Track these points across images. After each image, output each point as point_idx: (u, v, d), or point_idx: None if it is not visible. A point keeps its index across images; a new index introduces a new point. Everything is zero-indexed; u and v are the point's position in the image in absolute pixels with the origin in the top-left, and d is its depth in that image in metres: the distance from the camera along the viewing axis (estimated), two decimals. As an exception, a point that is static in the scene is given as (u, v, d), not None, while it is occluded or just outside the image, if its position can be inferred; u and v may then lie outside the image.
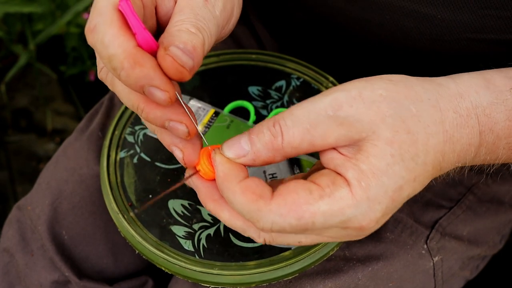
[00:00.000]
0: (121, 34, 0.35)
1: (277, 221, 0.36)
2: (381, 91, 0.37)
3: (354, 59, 0.63)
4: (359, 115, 0.36)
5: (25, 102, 1.41)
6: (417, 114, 0.37)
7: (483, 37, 0.51)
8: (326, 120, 0.36)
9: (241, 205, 0.37)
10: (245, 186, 0.37)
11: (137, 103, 0.39)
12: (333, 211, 0.35)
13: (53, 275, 0.59)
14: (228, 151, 0.39)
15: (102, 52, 0.36)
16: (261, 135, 0.38)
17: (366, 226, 0.36)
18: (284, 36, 0.71)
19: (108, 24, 0.35)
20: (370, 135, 0.36)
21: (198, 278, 0.50)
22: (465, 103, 0.39)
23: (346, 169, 0.36)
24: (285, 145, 0.37)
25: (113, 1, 0.36)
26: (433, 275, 0.61)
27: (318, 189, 0.36)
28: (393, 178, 0.36)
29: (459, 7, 0.49)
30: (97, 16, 0.36)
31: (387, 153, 0.36)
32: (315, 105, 0.37)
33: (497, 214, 0.66)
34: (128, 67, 0.35)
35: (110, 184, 0.55)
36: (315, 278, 0.54)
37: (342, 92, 0.37)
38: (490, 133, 0.40)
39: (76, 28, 1.27)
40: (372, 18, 0.55)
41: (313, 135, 0.37)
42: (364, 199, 0.35)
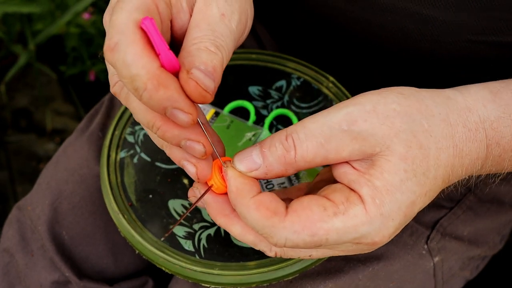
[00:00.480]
0: (144, 54, 0.34)
1: (291, 238, 0.36)
2: (394, 105, 0.37)
3: (354, 59, 0.63)
4: (373, 130, 0.36)
5: (25, 102, 1.41)
6: (428, 129, 0.37)
7: (484, 39, 0.51)
8: (340, 134, 0.36)
9: (255, 221, 0.36)
10: (259, 201, 0.37)
11: (153, 121, 0.38)
12: (347, 228, 0.35)
13: (53, 275, 0.59)
14: (240, 164, 0.38)
15: (123, 71, 0.34)
16: (273, 148, 0.37)
17: (379, 242, 0.37)
18: (284, 36, 0.70)
19: (130, 43, 0.34)
20: (384, 150, 0.36)
21: (199, 278, 0.50)
22: (474, 117, 0.40)
23: (360, 185, 0.36)
24: (298, 159, 0.37)
25: (134, 18, 0.35)
26: (434, 275, 0.60)
27: (332, 206, 0.36)
28: (406, 193, 0.36)
29: (461, 8, 0.49)
30: (118, 34, 0.34)
31: (401, 169, 0.36)
32: (329, 119, 0.37)
33: (497, 214, 0.66)
34: (151, 88, 0.34)
35: (110, 184, 0.55)
36: (315, 278, 0.54)
37: (356, 106, 0.37)
38: (496, 146, 0.40)
39: (76, 28, 1.27)
40: (373, 19, 0.55)
41: (327, 149, 0.36)
42: (377, 216, 0.36)
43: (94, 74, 1.34)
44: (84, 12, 1.26)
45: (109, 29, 0.35)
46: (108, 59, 0.35)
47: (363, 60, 0.62)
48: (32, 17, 1.27)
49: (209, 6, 0.40)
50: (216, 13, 0.39)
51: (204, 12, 0.39)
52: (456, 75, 0.57)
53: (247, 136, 0.58)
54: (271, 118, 0.59)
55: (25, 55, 1.27)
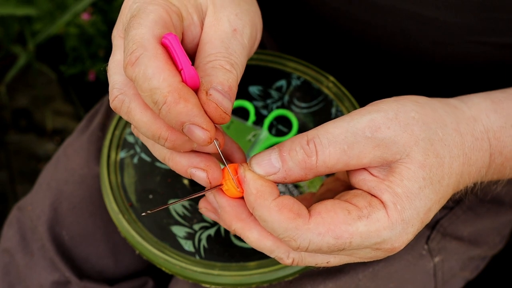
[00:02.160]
0: (166, 68, 0.34)
1: (314, 240, 0.36)
2: (413, 113, 0.38)
3: (354, 59, 0.63)
4: (395, 137, 0.37)
5: (25, 102, 1.40)
6: (443, 138, 0.38)
7: (485, 40, 0.51)
8: (363, 141, 0.36)
9: (278, 223, 0.36)
10: (281, 203, 0.36)
11: (159, 132, 0.37)
12: (370, 233, 0.36)
13: (54, 275, 0.59)
14: (258, 167, 0.38)
15: (144, 84, 0.34)
16: (293, 153, 0.37)
17: (397, 247, 0.37)
18: (285, 36, 0.70)
19: (153, 57, 0.34)
20: (404, 157, 0.37)
21: (199, 278, 0.50)
22: (479, 126, 0.41)
23: (381, 191, 0.36)
24: (319, 165, 0.37)
25: (154, 34, 0.35)
26: (434, 275, 0.60)
27: (356, 209, 0.36)
28: (424, 200, 0.37)
29: (462, 10, 0.49)
30: (140, 48, 0.34)
31: (420, 177, 0.37)
32: (352, 125, 0.37)
33: (497, 214, 0.66)
34: (171, 101, 0.34)
35: (110, 184, 0.55)
36: (316, 278, 0.54)
37: (379, 113, 0.37)
38: (499, 155, 0.42)
39: (76, 28, 1.27)
40: (373, 20, 0.55)
41: (350, 155, 0.36)
42: (399, 221, 0.36)
43: (94, 74, 1.34)
44: (84, 12, 1.26)
45: (128, 43, 0.35)
46: (128, 73, 0.35)
47: (364, 61, 0.62)
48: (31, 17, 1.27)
49: (221, 21, 0.40)
50: (228, 28, 0.40)
51: (216, 27, 0.40)
52: (457, 76, 0.57)
53: (247, 136, 0.58)
54: (270, 118, 0.59)
55: (24, 55, 1.27)
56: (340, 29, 0.59)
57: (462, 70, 0.56)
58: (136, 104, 0.37)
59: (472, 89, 0.47)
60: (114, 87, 0.38)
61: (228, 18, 0.40)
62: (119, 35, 0.40)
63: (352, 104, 0.59)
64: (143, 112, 0.37)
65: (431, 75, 0.59)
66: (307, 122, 0.59)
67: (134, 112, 0.37)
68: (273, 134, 0.59)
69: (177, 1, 0.39)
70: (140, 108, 0.37)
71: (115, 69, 0.38)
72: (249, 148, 0.57)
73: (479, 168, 0.41)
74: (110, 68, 0.38)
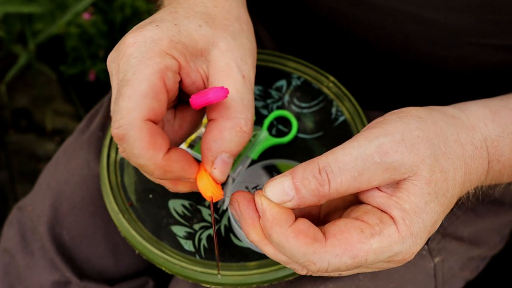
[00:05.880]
0: (150, 149, 0.37)
1: (333, 262, 0.37)
2: (417, 132, 0.39)
3: (354, 60, 0.63)
4: (403, 160, 0.38)
5: (25, 102, 1.40)
6: (446, 152, 0.40)
7: (486, 42, 0.51)
8: (373, 166, 0.38)
9: (296, 249, 0.37)
10: (297, 229, 0.37)
11: (163, 183, 0.43)
12: (383, 248, 0.37)
13: (54, 275, 0.59)
14: (272, 196, 0.38)
15: (132, 159, 0.38)
16: (306, 182, 0.38)
17: (407, 259, 0.39)
18: (284, 36, 0.70)
19: (138, 139, 0.37)
20: (411, 176, 0.38)
21: (199, 278, 0.50)
22: (478, 135, 0.42)
23: (390, 207, 0.38)
24: (332, 192, 0.38)
25: (141, 110, 0.37)
26: (434, 275, 0.60)
27: (368, 227, 0.37)
28: (430, 214, 0.38)
29: (463, 11, 0.49)
30: (126, 127, 0.37)
31: (426, 192, 0.38)
32: (362, 151, 0.38)
33: (497, 215, 0.66)
34: (158, 174, 0.38)
35: (110, 184, 0.55)
36: (316, 278, 0.54)
37: (387, 137, 0.38)
38: (497, 163, 0.43)
39: (76, 28, 1.27)
40: (374, 21, 0.55)
41: (360, 181, 0.38)
42: (408, 235, 0.37)
43: (94, 74, 1.34)
44: (84, 12, 1.26)
45: (117, 114, 0.37)
46: (118, 143, 0.38)
47: (364, 61, 0.62)
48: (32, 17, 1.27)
49: (231, 67, 0.42)
50: (238, 75, 0.41)
51: (228, 74, 0.41)
52: (457, 77, 0.57)
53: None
54: (270, 118, 0.59)
55: (25, 55, 1.27)
56: (340, 30, 0.59)
57: (462, 72, 0.56)
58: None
59: (472, 91, 0.47)
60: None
61: (236, 64, 0.42)
62: (115, 72, 0.41)
63: (352, 104, 0.59)
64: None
65: (431, 77, 0.59)
66: (307, 122, 0.59)
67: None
68: (273, 135, 0.59)
69: (177, 52, 0.40)
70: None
71: None
72: (248, 148, 0.57)
73: (479, 176, 0.43)
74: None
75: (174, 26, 0.40)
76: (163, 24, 0.40)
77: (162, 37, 0.39)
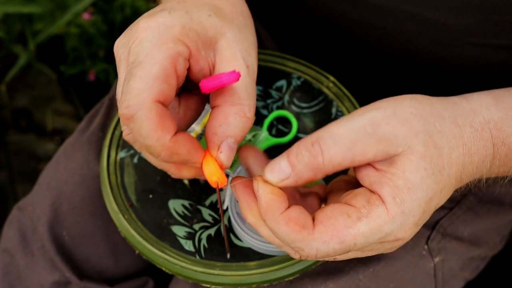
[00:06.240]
0: (158, 129, 0.37)
1: (321, 248, 0.37)
2: (411, 109, 0.39)
3: (355, 60, 0.63)
4: (395, 131, 0.38)
5: (25, 102, 1.40)
6: (441, 130, 0.40)
7: (486, 42, 0.51)
8: (365, 137, 0.38)
9: (286, 235, 0.38)
10: (288, 217, 0.38)
11: (167, 168, 0.44)
12: (372, 230, 0.37)
13: (54, 275, 0.59)
14: (271, 175, 0.39)
15: (139, 139, 0.38)
16: (300, 156, 0.38)
17: (401, 238, 0.39)
18: (285, 36, 0.70)
19: (146, 118, 0.37)
20: (405, 149, 0.38)
21: (199, 278, 0.50)
22: (479, 118, 0.42)
23: (381, 185, 0.38)
24: (326, 164, 0.38)
25: (152, 91, 0.37)
26: (434, 275, 0.60)
27: (355, 211, 0.38)
28: (425, 190, 0.38)
29: (463, 11, 0.49)
30: (135, 106, 0.37)
31: (421, 167, 0.38)
32: (354, 124, 0.38)
33: (497, 215, 0.66)
34: (165, 156, 0.39)
35: (110, 184, 0.55)
36: (316, 278, 0.54)
37: (378, 111, 0.39)
38: (502, 145, 0.42)
39: (76, 28, 1.27)
40: (374, 21, 0.55)
41: (354, 152, 0.38)
42: (399, 214, 0.37)
43: (94, 74, 1.34)
44: (84, 12, 1.26)
45: (126, 94, 0.38)
46: (125, 124, 0.38)
47: (364, 61, 0.62)
48: (32, 17, 1.27)
49: (236, 57, 0.43)
50: (243, 65, 0.42)
51: (233, 64, 0.42)
52: (457, 77, 0.57)
53: (246, 137, 0.58)
54: (270, 119, 0.59)
55: (25, 55, 1.27)
56: (340, 30, 0.59)
57: (463, 72, 0.56)
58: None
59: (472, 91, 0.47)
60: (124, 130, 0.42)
61: (241, 55, 0.43)
62: (124, 57, 0.41)
63: (352, 104, 0.59)
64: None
65: (431, 77, 0.59)
66: (307, 122, 0.59)
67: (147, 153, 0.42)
68: (273, 135, 0.59)
69: (189, 40, 0.41)
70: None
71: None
72: (249, 148, 0.57)
73: (482, 159, 0.42)
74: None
75: (186, 13, 0.41)
76: (175, 11, 0.41)
77: (175, 23, 0.40)
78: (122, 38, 0.42)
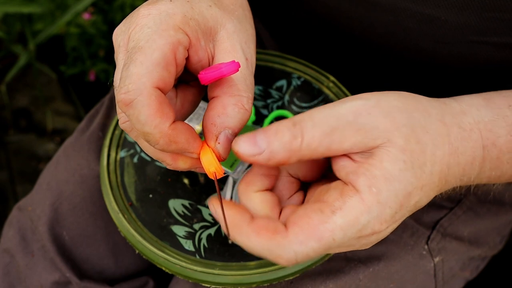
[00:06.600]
0: (157, 116, 0.37)
1: (299, 250, 0.36)
2: (395, 102, 0.39)
3: (355, 59, 0.63)
4: (376, 123, 0.37)
5: (25, 102, 1.40)
6: (425, 126, 0.39)
7: (486, 39, 0.51)
8: (345, 125, 0.37)
9: (260, 246, 0.36)
10: (257, 226, 0.37)
11: (163, 158, 0.42)
12: (349, 222, 0.36)
13: (54, 275, 0.59)
14: (244, 147, 0.37)
15: (137, 125, 0.37)
16: (280, 134, 0.37)
17: (377, 230, 0.37)
18: (285, 36, 0.70)
19: (146, 105, 0.36)
20: (385, 142, 0.37)
21: (199, 278, 0.50)
22: (468, 118, 0.41)
23: (357, 175, 0.37)
24: (304, 147, 0.37)
25: (152, 77, 0.37)
26: (434, 275, 0.60)
27: (327, 206, 0.36)
28: (403, 183, 0.37)
29: (463, 9, 0.49)
30: (135, 92, 0.36)
31: (400, 159, 0.37)
32: (335, 110, 0.38)
33: (497, 214, 0.66)
34: (163, 144, 0.38)
35: (110, 183, 0.55)
36: (316, 278, 0.54)
37: (361, 100, 0.38)
38: (493, 147, 0.41)
39: (76, 28, 1.27)
40: (374, 19, 0.55)
41: (332, 139, 0.37)
42: (375, 203, 0.36)
43: (94, 74, 1.34)
44: (84, 12, 1.26)
45: (125, 79, 0.37)
46: (122, 110, 0.37)
47: (364, 60, 0.62)
48: (32, 17, 1.27)
49: (236, 49, 0.42)
50: (242, 58, 0.42)
51: (233, 55, 0.42)
52: (458, 75, 0.57)
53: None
54: (270, 118, 0.59)
55: (25, 55, 1.27)
56: (340, 28, 0.59)
57: (463, 70, 0.56)
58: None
59: (473, 89, 0.47)
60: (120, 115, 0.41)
61: (241, 46, 0.43)
62: (124, 44, 0.41)
63: (352, 104, 0.59)
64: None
65: (432, 75, 0.59)
66: (307, 122, 0.59)
67: (141, 140, 0.41)
68: (273, 134, 0.59)
69: (189, 29, 0.40)
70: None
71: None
72: (249, 148, 0.57)
73: (471, 161, 0.41)
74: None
75: (187, 2, 0.41)
76: (177, 0, 0.41)
77: (176, 12, 0.40)
78: (121, 25, 0.41)
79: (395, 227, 0.39)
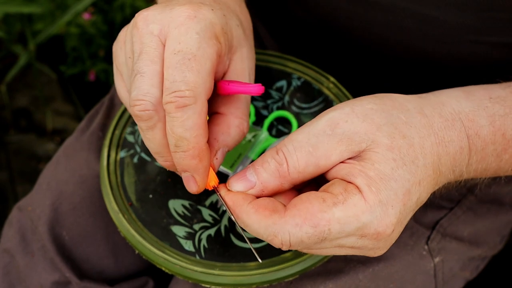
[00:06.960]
0: (202, 128, 0.38)
1: (293, 232, 0.36)
2: (370, 105, 0.39)
3: (355, 59, 0.63)
4: (355, 128, 0.38)
5: (25, 102, 1.40)
6: (407, 121, 0.39)
7: (485, 39, 0.51)
8: (326, 139, 0.38)
9: (257, 224, 0.37)
10: (256, 204, 0.38)
11: (164, 154, 0.42)
12: (348, 218, 0.36)
13: (54, 275, 0.59)
14: (236, 185, 0.40)
15: (177, 129, 0.37)
16: (265, 164, 0.39)
17: (382, 233, 0.37)
18: (285, 36, 0.70)
19: (197, 113, 0.37)
20: (370, 144, 0.37)
21: (199, 278, 0.50)
22: (448, 109, 0.41)
23: (354, 176, 0.37)
24: (291, 171, 0.38)
25: (206, 87, 0.38)
26: (434, 275, 0.60)
27: (331, 196, 0.37)
28: (399, 181, 0.37)
29: (462, 9, 0.49)
30: (191, 99, 0.37)
31: (389, 158, 0.37)
32: (313, 128, 0.39)
33: (497, 215, 0.66)
34: (190, 154, 0.38)
35: (110, 183, 0.55)
36: (316, 279, 0.54)
37: (336, 111, 0.39)
38: (476, 137, 0.42)
39: (76, 28, 1.27)
40: (374, 19, 0.55)
41: (317, 156, 0.38)
42: (376, 203, 0.36)
43: (94, 74, 1.34)
44: (84, 12, 1.26)
45: (181, 84, 0.37)
46: (168, 108, 0.37)
47: (364, 60, 0.62)
48: (32, 17, 1.27)
49: (245, 72, 0.45)
50: (247, 75, 0.45)
51: (241, 79, 0.44)
52: (457, 75, 0.57)
53: (247, 137, 0.58)
54: (270, 119, 0.59)
55: (25, 55, 1.27)
56: (340, 29, 0.59)
57: (462, 69, 0.56)
58: (161, 126, 0.40)
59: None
60: (146, 98, 0.39)
61: (248, 72, 0.45)
62: (158, 30, 0.40)
63: (352, 104, 0.59)
64: (162, 135, 0.40)
65: (431, 74, 0.59)
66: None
67: (155, 131, 0.40)
68: (273, 135, 0.59)
69: (224, 41, 0.41)
70: (162, 132, 0.40)
71: (152, 80, 0.39)
72: (249, 149, 0.57)
73: (459, 150, 0.41)
74: (145, 72, 0.39)
75: (223, 16, 0.42)
76: (217, 11, 0.41)
77: (217, 22, 0.41)
78: (153, 10, 0.40)
79: (401, 230, 0.39)
